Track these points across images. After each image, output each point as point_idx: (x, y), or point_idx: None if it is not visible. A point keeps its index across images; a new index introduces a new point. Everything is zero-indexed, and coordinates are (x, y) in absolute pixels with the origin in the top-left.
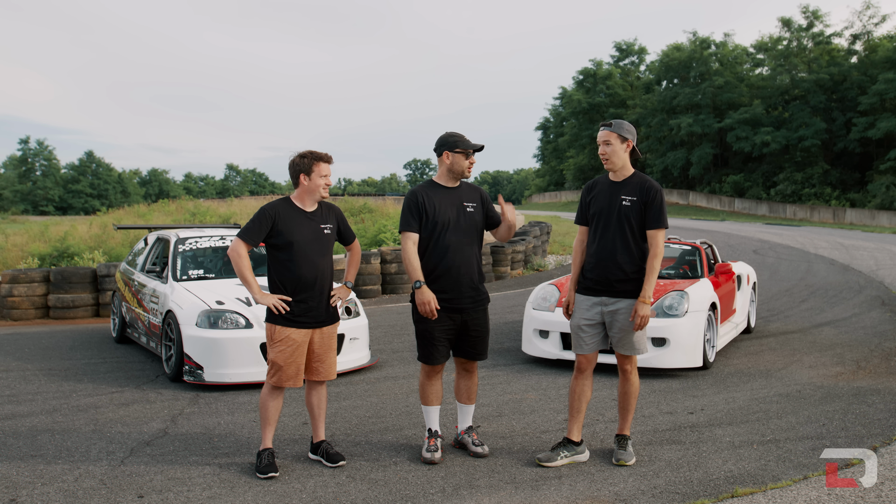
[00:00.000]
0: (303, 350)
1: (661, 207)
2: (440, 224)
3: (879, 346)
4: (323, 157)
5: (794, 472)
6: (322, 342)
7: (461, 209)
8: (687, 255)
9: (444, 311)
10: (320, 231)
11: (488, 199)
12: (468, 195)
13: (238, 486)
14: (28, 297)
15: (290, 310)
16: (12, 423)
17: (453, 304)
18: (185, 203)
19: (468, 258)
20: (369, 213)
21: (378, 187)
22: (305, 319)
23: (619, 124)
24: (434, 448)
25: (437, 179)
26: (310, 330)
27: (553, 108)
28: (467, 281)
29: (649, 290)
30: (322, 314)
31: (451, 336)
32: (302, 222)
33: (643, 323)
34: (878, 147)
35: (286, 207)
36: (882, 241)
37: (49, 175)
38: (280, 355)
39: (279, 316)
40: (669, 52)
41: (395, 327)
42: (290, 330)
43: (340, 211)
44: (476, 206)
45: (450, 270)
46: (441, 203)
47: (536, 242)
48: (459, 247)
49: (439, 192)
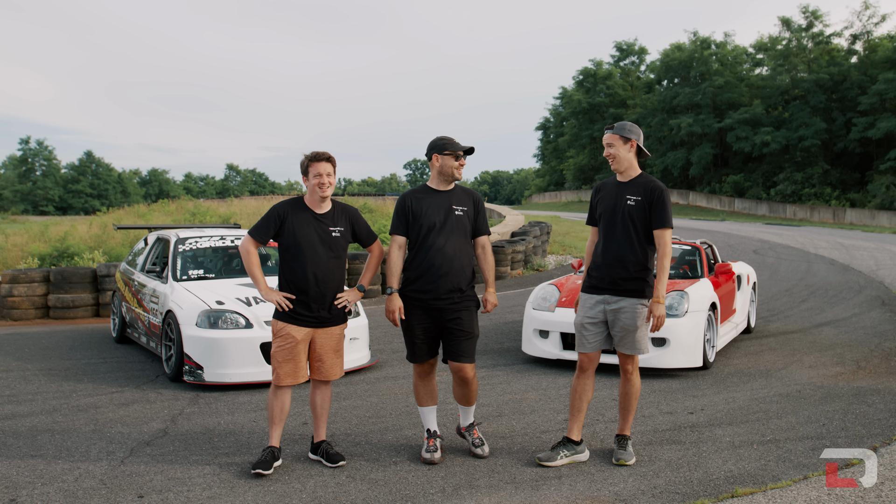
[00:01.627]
0: (302, 348)
1: (665, 207)
2: (425, 227)
3: (879, 346)
4: (317, 157)
5: (794, 472)
6: (324, 342)
7: (449, 212)
8: (687, 255)
9: (422, 309)
10: (328, 233)
11: (481, 207)
12: (459, 199)
13: (238, 486)
14: (28, 297)
15: (292, 307)
16: (12, 423)
17: (431, 303)
18: (185, 203)
19: (451, 260)
20: (369, 213)
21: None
22: (306, 318)
23: (621, 125)
24: (433, 448)
25: (430, 183)
26: (311, 329)
27: (553, 108)
28: (447, 282)
29: (662, 290)
30: (324, 314)
31: (431, 334)
32: (309, 223)
33: (660, 323)
34: (878, 147)
35: (296, 208)
36: (882, 241)
37: (49, 175)
38: (279, 351)
39: (283, 312)
40: (670, 52)
41: (395, 327)
42: (290, 326)
43: (357, 213)
44: (466, 210)
45: (429, 271)
46: (429, 206)
47: (536, 242)
48: (443, 249)
49: (429, 195)
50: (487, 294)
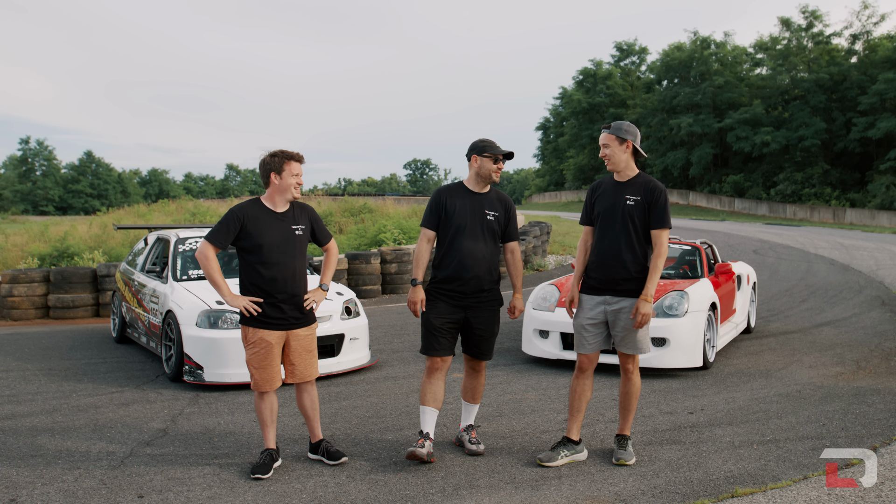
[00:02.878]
0: (276, 352)
1: (664, 208)
2: (455, 226)
3: (879, 346)
4: (294, 156)
5: (794, 472)
6: (298, 344)
7: (481, 216)
8: (687, 255)
9: (447, 304)
10: (291, 232)
11: (512, 214)
12: (493, 204)
13: (238, 486)
14: (28, 297)
15: (261, 311)
16: (12, 423)
17: (457, 300)
18: (185, 203)
19: (479, 263)
20: (369, 213)
21: (378, 187)
22: (278, 321)
23: (617, 126)
24: (420, 445)
25: (467, 182)
26: (284, 332)
27: (553, 108)
28: (474, 283)
29: (651, 289)
30: (297, 315)
31: (452, 329)
32: (272, 223)
33: (644, 321)
34: (878, 147)
35: (255, 209)
36: (882, 241)
37: (49, 175)
38: (254, 357)
39: (251, 318)
40: (670, 52)
41: (395, 327)
42: (263, 332)
43: (314, 211)
44: (498, 216)
45: (458, 270)
46: (462, 206)
47: (536, 242)
48: (472, 252)
49: (463, 194)
50: (515, 300)
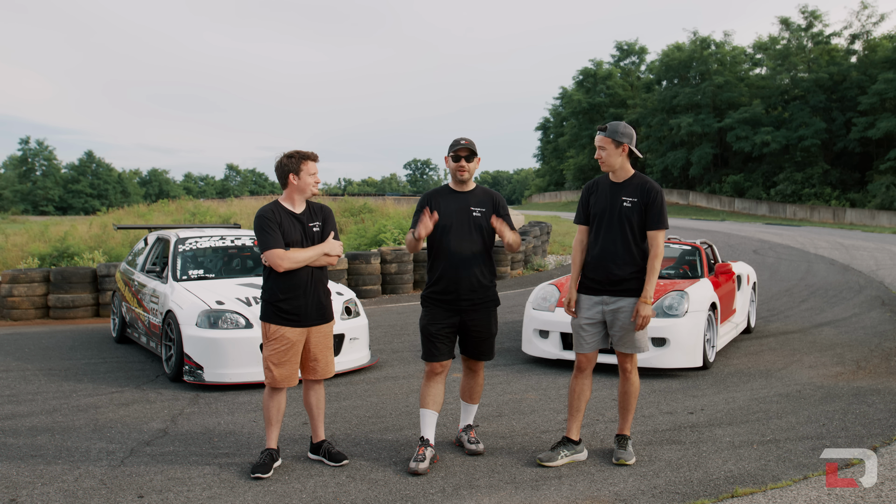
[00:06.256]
0: (297, 349)
1: (661, 208)
2: (441, 226)
3: (879, 346)
4: (309, 156)
5: (794, 472)
6: (318, 341)
7: (467, 213)
8: (687, 255)
9: (442, 310)
10: (310, 230)
11: (501, 206)
12: (478, 200)
13: (238, 486)
14: (28, 297)
15: (284, 309)
16: (12, 423)
17: (451, 305)
18: (185, 203)
19: (469, 261)
20: (369, 213)
21: (378, 187)
22: (301, 318)
23: (613, 128)
24: (421, 458)
25: (451, 184)
26: (305, 329)
27: (553, 108)
28: (467, 284)
29: (650, 291)
30: (316, 313)
31: (450, 334)
32: (293, 224)
33: (644, 323)
34: (878, 147)
35: (281, 211)
36: (882, 241)
37: (49, 175)
38: (274, 354)
39: (274, 314)
40: (670, 52)
41: (395, 327)
42: (285, 329)
43: (331, 211)
44: (485, 211)
45: (449, 272)
46: (447, 206)
47: (536, 242)
48: (460, 250)
49: (448, 195)
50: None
